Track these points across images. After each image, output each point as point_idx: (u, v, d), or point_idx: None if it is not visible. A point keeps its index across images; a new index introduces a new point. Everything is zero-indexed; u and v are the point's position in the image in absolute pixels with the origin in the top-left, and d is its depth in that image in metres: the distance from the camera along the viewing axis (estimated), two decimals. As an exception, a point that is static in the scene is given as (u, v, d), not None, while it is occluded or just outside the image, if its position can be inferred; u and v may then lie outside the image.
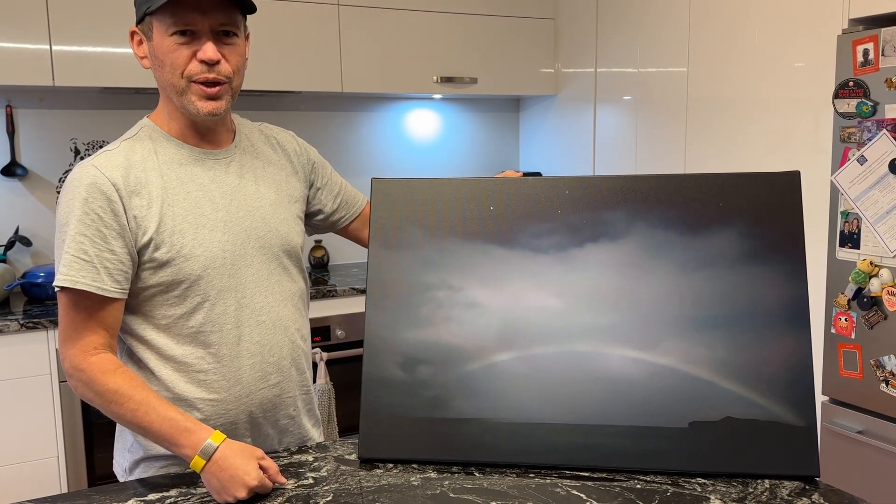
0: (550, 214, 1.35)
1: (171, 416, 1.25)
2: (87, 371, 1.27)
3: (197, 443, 1.22)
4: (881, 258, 2.12)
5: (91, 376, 1.27)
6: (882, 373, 2.13)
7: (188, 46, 1.29)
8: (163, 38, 1.29)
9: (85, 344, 1.28)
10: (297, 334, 1.47)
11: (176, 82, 1.31)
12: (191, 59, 1.30)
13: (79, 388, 1.29)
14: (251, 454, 1.23)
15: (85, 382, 1.28)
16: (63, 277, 1.26)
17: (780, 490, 1.20)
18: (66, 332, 1.29)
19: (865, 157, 2.12)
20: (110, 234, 1.28)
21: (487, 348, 1.32)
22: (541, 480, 1.24)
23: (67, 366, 1.29)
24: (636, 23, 3.05)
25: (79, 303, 1.28)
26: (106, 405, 1.28)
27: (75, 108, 3.01)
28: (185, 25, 1.28)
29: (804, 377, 1.25)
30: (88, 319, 1.28)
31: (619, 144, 3.20)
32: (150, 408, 1.25)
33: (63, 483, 2.52)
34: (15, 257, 2.95)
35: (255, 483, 1.20)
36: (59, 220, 1.30)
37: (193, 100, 1.32)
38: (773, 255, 1.29)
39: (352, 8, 3.08)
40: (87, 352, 1.28)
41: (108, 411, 1.28)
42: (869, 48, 2.10)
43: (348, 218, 1.63)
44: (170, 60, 1.30)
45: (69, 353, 1.29)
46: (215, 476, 1.21)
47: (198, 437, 1.23)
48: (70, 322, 1.29)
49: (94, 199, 1.27)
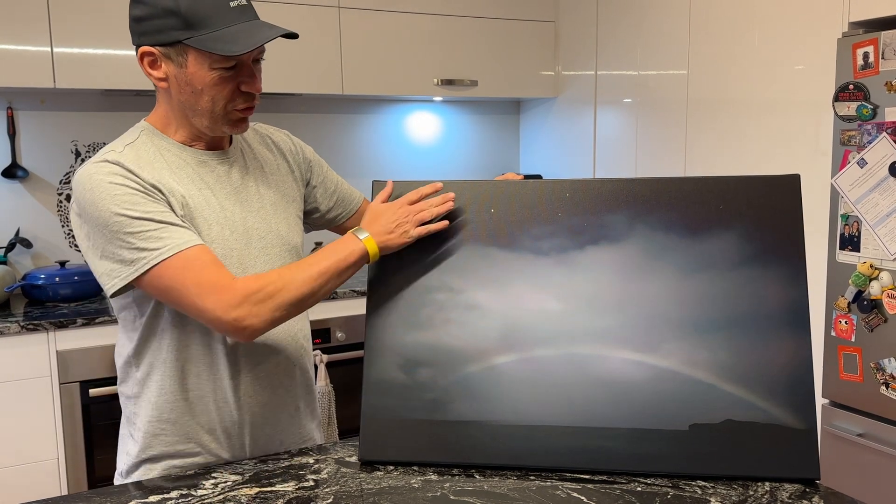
0: (551, 217, 1.35)
1: (324, 254, 1.32)
2: (244, 291, 1.22)
3: (353, 243, 1.32)
4: (881, 261, 2.12)
5: (254, 288, 1.23)
6: (882, 376, 2.13)
7: (233, 79, 1.29)
8: (204, 71, 1.27)
9: (222, 284, 1.22)
10: (299, 334, 1.47)
11: (214, 110, 1.30)
12: (235, 90, 1.30)
13: (259, 312, 1.23)
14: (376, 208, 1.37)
15: (259, 300, 1.23)
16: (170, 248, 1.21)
17: (780, 493, 1.20)
18: (197, 293, 1.22)
19: (865, 160, 2.13)
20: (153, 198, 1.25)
21: (488, 350, 1.32)
22: (541, 483, 1.24)
23: (230, 310, 1.21)
24: (636, 25, 3.05)
25: (182, 262, 1.22)
26: (287, 287, 1.26)
27: (76, 110, 3.01)
28: (235, 61, 1.27)
29: (804, 380, 1.25)
30: (204, 267, 1.23)
31: (619, 147, 3.20)
32: (310, 259, 1.32)
33: (63, 485, 2.52)
34: (15, 259, 2.95)
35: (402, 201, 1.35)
36: (93, 220, 1.24)
37: (229, 126, 1.33)
38: (774, 258, 1.29)
39: (352, 10, 3.08)
40: (230, 285, 1.23)
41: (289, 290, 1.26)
42: (869, 51, 2.10)
43: (345, 215, 1.64)
44: (213, 92, 1.28)
45: (216, 304, 1.21)
46: (389, 233, 1.33)
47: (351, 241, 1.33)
48: (196, 274, 1.22)
49: (123, 180, 1.24)
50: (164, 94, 1.34)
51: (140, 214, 1.23)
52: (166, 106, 1.35)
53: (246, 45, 1.24)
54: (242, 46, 1.24)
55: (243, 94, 1.31)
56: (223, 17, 1.25)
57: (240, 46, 1.24)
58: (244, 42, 1.24)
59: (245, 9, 1.29)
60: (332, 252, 1.31)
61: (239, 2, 1.28)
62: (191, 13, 1.23)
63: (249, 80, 1.30)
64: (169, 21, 1.24)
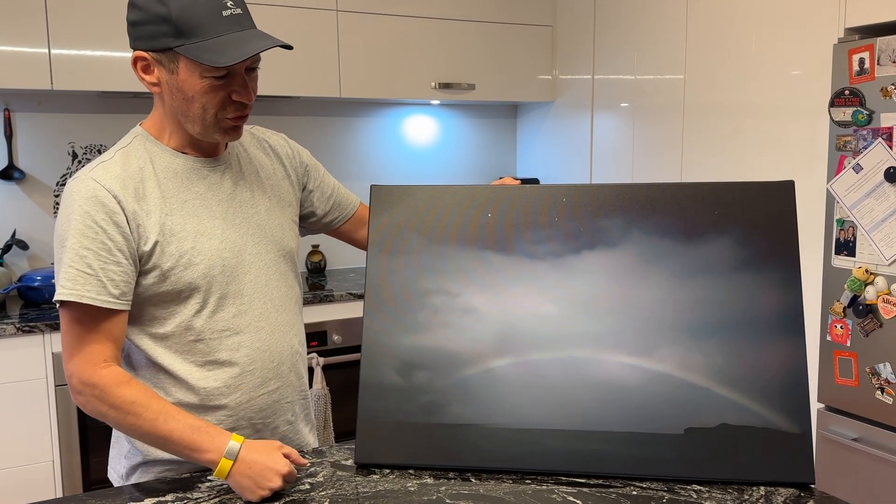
0: (548, 222, 1.35)
1: (191, 422, 1.24)
2: (99, 385, 1.25)
3: (220, 446, 1.22)
4: (876, 266, 2.13)
5: (105, 390, 1.25)
6: (877, 380, 2.14)
7: (224, 88, 1.28)
8: (195, 79, 1.26)
9: (93, 357, 1.26)
10: (295, 339, 1.47)
11: (205, 117, 1.29)
12: (226, 99, 1.29)
13: (90, 403, 1.26)
14: (273, 446, 1.25)
15: (98, 397, 1.25)
16: (68, 291, 1.24)
17: (775, 497, 1.20)
18: (72, 347, 1.27)
19: (861, 166, 2.13)
20: (114, 246, 1.26)
21: (484, 354, 1.32)
22: (537, 487, 1.24)
23: (76, 382, 1.26)
24: (633, 30, 3.06)
25: (84, 317, 1.26)
26: (122, 417, 1.25)
27: (73, 112, 3.01)
28: (226, 70, 1.26)
29: (799, 384, 1.25)
30: (95, 332, 1.26)
31: (616, 151, 3.21)
32: (170, 416, 1.24)
33: (58, 488, 2.52)
34: (11, 261, 2.94)
35: (286, 470, 1.22)
36: (58, 235, 1.28)
37: (220, 133, 1.32)
38: (768, 263, 1.29)
39: (350, 14, 3.09)
40: (96, 365, 1.26)
41: (124, 423, 1.26)
42: (865, 57, 2.11)
43: (341, 219, 1.64)
44: (204, 100, 1.28)
45: (77, 368, 1.26)
46: (245, 475, 1.21)
47: (220, 441, 1.23)
48: (76, 337, 1.26)
49: (95, 211, 1.25)
50: (158, 99, 1.34)
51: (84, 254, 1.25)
52: (161, 110, 1.35)
53: (234, 57, 1.22)
54: (230, 58, 1.22)
55: (235, 104, 1.30)
56: (215, 26, 1.24)
57: (227, 58, 1.22)
58: (233, 53, 1.23)
59: (239, 18, 1.27)
60: (190, 435, 1.23)
61: (233, 11, 1.26)
62: (182, 21, 1.22)
63: (241, 89, 1.29)
64: (161, 28, 1.24)
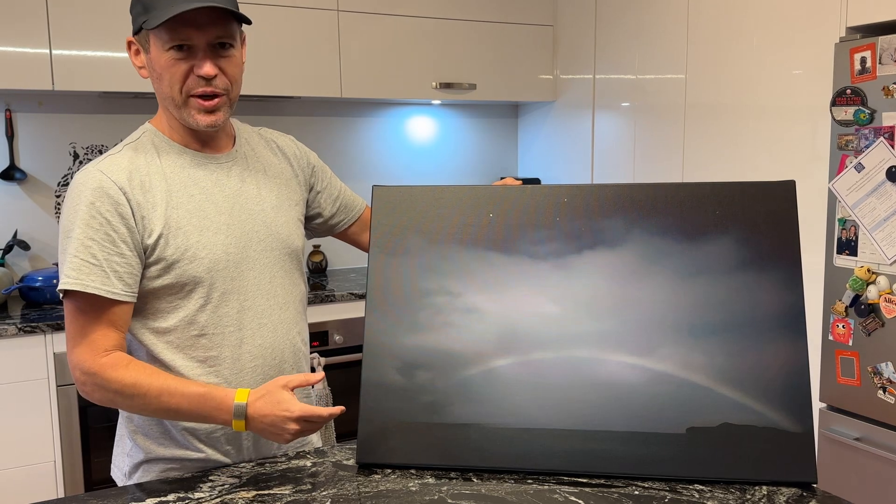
0: (549, 222, 1.35)
1: (195, 391, 1.25)
2: (98, 373, 1.25)
3: (228, 408, 1.24)
4: (878, 265, 2.12)
5: (104, 376, 1.25)
6: (879, 380, 2.13)
7: (186, 61, 1.29)
8: (160, 53, 1.29)
9: (95, 346, 1.26)
10: (297, 337, 1.47)
11: (175, 96, 1.31)
12: (188, 74, 1.30)
13: (95, 392, 1.27)
14: (276, 387, 1.24)
15: (99, 385, 1.25)
16: (72, 281, 1.24)
17: (777, 497, 1.20)
18: (75, 336, 1.27)
19: (863, 165, 2.13)
20: (118, 238, 1.27)
21: (486, 354, 1.32)
22: (539, 486, 1.24)
23: (78, 373, 1.27)
24: (634, 29, 3.06)
25: (87, 307, 1.26)
26: (128, 401, 1.26)
27: (74, 112, 3.01)
28: (181, 41, 1.28)
29: (801, 383, 1.25)
30: (98, 323, 1.26)
31: (617, 151, 3.21)
32: (174, 390, 1.25)
33: (60, 488, 2.52)
34: (13, 261, 2.95)
35: (296, 414, 1.22)
36: (63, 226, 1.29)
37: (192, 113, 1.32)
38: (770, 263, 1.29)
39: (351, 14, 3.09)
40: (96, 353, 1.26)
41: (135, 406, 1.26)
42: (866, 56, 2.11)
43: (347, 222, 1.64)
44: (168, 75, 1.30)
45: (79, 359, 1.26)
46: (261, 429, 1.23)
47: (227, 405, 1.24)
48: (79, 327, 1.27)
49: (101, 202, 1.27)
50: (156, 92, 1.36)
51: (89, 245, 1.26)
52: (160, 104, 1.38)
53: (166, 14, 1.24)
54: (163, 15, 1.24)
55: (198, 79, 1.30)
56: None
57: (162, 14, 1.24)
58: (168, 10, 1.24)
59: None
60: (199, 404, 1.25)
61: None
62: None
63: (200, 62, 1.29)
64: (137, 8, 1.30)
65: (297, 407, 1.22)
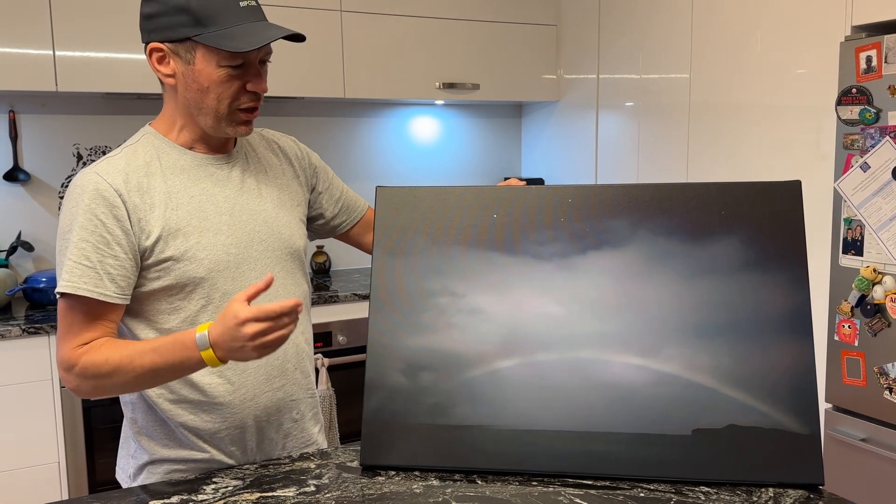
0: (553, 222, 1.35)
1: (161, 342, 1.23)
2: (77, 363, 1.25)
3: (194, 344, 1.20)
4: (884, 265, 2.11)
5: (82, 364, 1.25)
6: (885, 380, 2.12)
7: (239, 78, 1.30)
8: (212, 69, 1.29)
9: (75, 342, 1.26)
10: (301, 337, 1.47)
11: (221, 109, 1.31)
12: (241, 89, 1.31)
13: (82, 384, 1.26)
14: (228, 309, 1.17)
15: (80, 375, 1.25)
16: (65, 284, 1.26)
17: (784, 498, 1.19)
18: (61, 336, 1.28)
19: (868, 164, 2.12)
20: (113, 240, 1.27)
21: (490, 355, 1.31)
22: (543, 488, 1.23)
23: (62, 372, 1.27)
24: (638, 29, 3.05)
25: (79, 308, 1.27)
26: (109, 380, 1.25)
27: (78, 114, 3.01)
28: (243, 59, 1.29)
29: (807, 385, 1.25)
30: (84, 322, 1.27)
31: (621, 151, 3.20)
32: (144, 349, 1.23)
33: (64, 489, 2.52)
34: (17, 262, 2.95)
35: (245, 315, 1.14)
36: (61, 228, 1.30)
37: (234, 125, 1.34)
38: (775, 264, 1.29)
39: (354, 14, 3.09)
40: (75, 348, 1.26)
41: (116, 384, 1.25)
42: (872, 55, 2.10)
43: (349, 223, 1.64)
44: (219, 90, 1.30)
45: (60, 355, 1.27)
46: (228, 349, 1.18)
47: (191, 340, 1.20)
48: (66, 326, 1.28)
49: (97, 204, 1.27)
50: (170, 93, 1.35)
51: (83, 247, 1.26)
52: (172, 105, 1.36)
53: (254, 43, 1.25)
54: (250, 43, 1.25)
55: (249, 94, 1.33)
56: (233, 16, 1.27)
57: (247, 43, 1.25)
58: (252, 39, 1.26)
59: (254, 10, 1.31)
60: (169, 352, 1.22)
61: (249, 2, 1.30)
62: (201, 10, 1.26)
63: (255, 79, 1.32)
64: (179, 18, 1.27)
65: (244, 310, 1.16)
